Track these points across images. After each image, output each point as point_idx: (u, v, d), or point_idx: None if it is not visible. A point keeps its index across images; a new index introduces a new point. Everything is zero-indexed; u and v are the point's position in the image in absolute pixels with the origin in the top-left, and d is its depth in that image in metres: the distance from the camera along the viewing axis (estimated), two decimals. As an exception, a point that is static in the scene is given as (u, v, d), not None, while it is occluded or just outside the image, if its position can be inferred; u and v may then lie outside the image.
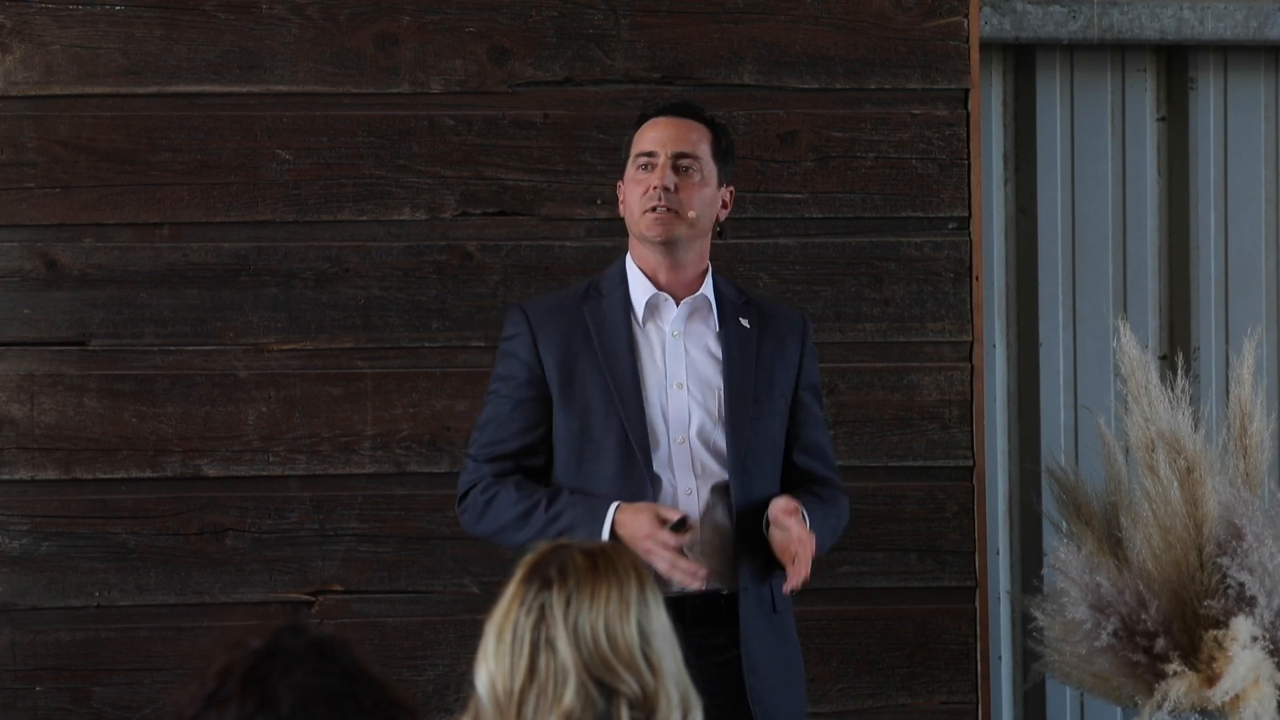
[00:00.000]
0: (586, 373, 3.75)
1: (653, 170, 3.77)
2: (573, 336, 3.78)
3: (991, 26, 5.03)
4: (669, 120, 3.81)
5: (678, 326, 3.79)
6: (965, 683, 4.69)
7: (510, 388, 3.79)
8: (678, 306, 3.79)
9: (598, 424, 3.74)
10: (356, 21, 4.61)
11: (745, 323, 3.83)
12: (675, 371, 3.78)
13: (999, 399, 5.15)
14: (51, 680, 4.55)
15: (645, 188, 3.76)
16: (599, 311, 3.79)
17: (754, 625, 3.72)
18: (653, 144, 3.79)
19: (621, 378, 3.74)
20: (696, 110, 3.87)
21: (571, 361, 3.76)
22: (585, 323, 3.79)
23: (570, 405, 3.75)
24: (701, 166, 3.79)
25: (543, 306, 3.84)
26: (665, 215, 3.74)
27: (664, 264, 3.79)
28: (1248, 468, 4.27)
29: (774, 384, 3.82)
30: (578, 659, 2.37)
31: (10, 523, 4.55)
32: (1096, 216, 5.17)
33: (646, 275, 3.79)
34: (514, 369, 3.79)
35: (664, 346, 3.78)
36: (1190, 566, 4.10)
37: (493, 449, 3.79)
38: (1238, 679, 3.95)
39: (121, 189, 4.57)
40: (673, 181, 3.75)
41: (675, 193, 3.75)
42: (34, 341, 4.57)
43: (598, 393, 3.74)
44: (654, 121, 3.82)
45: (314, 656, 1.97)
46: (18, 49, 4.56)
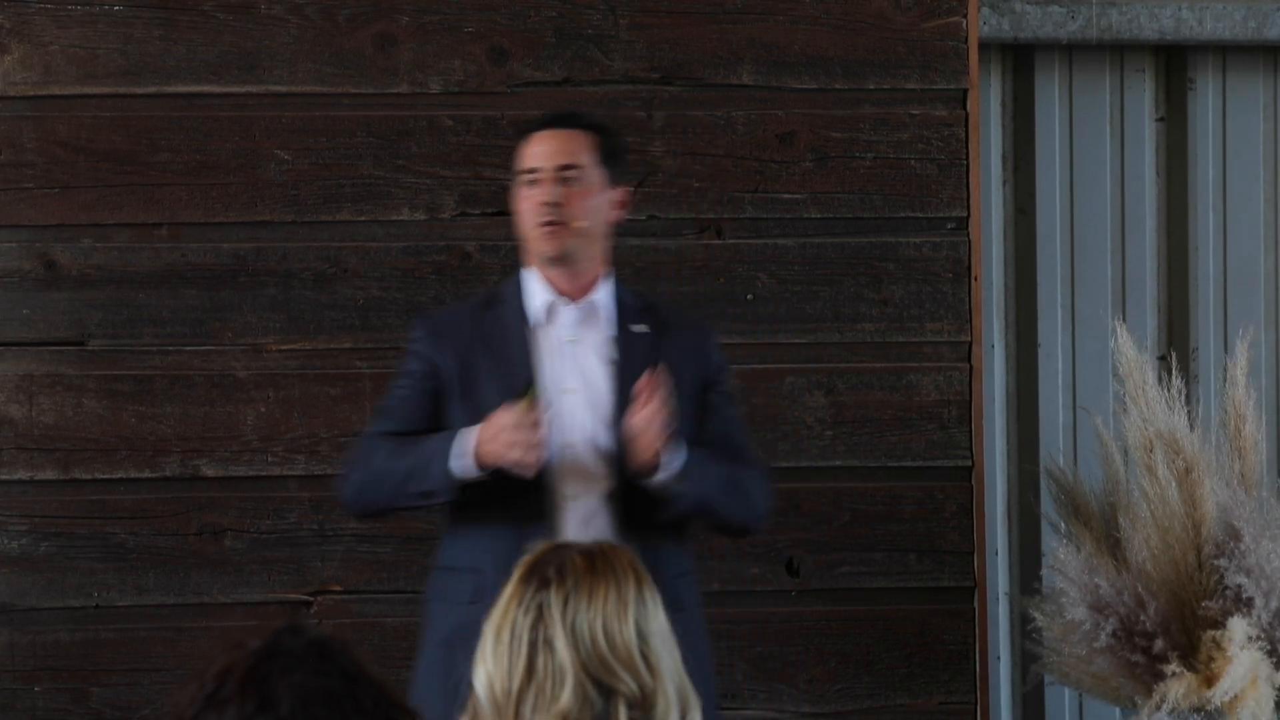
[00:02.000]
0: (483, 376, 3.79)
1: (538, 186, 3.80)
2: (471, 341, 3.83)
3: (990, 27, 5.03)
4: (550, 133, 3.85)
5: (571, 332, 3.82)
6: (964, 683, 4.69)
7: (409, 381, 3.86)
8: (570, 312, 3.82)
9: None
10: (355, 22, 4.61)
11: (642, 328, 3.85)
12: (565, 377, 3.80)
13: (998, 399, 5.15)
14: (50, 681, 4.55)
15: (532, 204, 3.80)
16: (497, 318, 3.84)
17: None
18: (535, 159, 3.82)
19: (515, 379, 3.76)
20: (577, 118, 3.90)
21: (469, 365, 3.80)
22: (484, 329, 3.84)
23: (466, 405, 3.78)
24: (586, 175, 3.82)
25: (445, 314, 3.98)
26: (555, 230, 3.78)
27: (559, 273, 3.83)
28: (1244, 469, 4.27)
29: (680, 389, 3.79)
30: (576, 659, 2.37)
31: (9, 523, 4.55)
32: (1095, 217, 5.17)
33: (545, 281, 3.83)
34: (414, 366, 3.86)
35: (557, 351, 3.81)
36: (1189, 567, 4.10)
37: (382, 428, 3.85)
38: (1236, 680, 3.95)
39: (120, 189, 4.57)
40: (558, 195, 3.78)
41: (562, 206, 3.78)
42: (33, 342, 4.56)
43: (493, 395, 3.76)
44: (536, 136, 3.85)
45: (314, 657, 1.97)
46: (17, 49, 4.56)
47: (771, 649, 4.67)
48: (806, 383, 4.67)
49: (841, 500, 4.67)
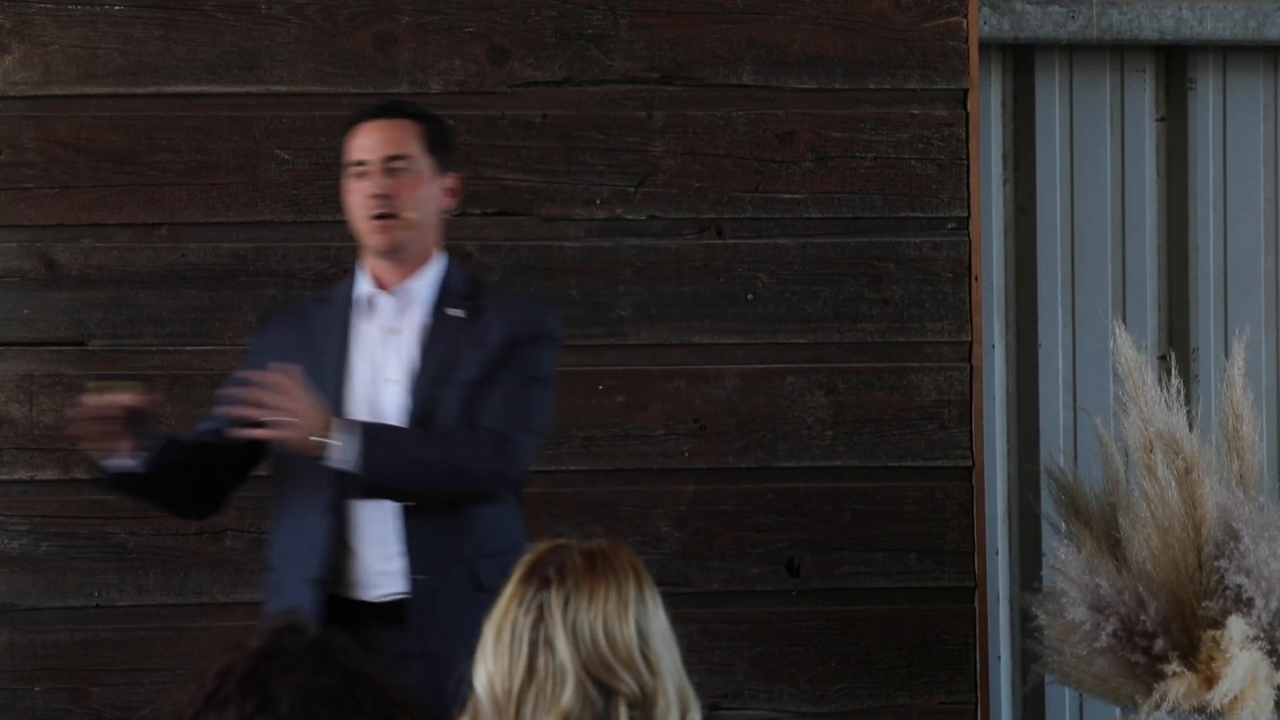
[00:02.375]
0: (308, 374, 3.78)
1: (365, 178, 3.81)
2: (290, 338, 3.85)
3: (990, 26, 5.03)
4: (376, 124, 3.85)
5: (393, 322, 3.83)
6: (964, 683, 4.69)
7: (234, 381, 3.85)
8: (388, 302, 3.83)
9: None
10: (355, 22, 4.61)
11: (457, 313, 3.83)
12: (387, 367, 3.80)
13: (998, 399, 5.15)
14: (50, 680, 4.55)
15: (360, 196, 3.82)
16: (323, 313, 3.86)
17: (432, 616, 3.69)
18: (362, 151, 3.83)
19: (327, 376, 3.77)
20: (403, 108, 3.91)
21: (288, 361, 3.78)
22: (311, 326, 3.85)
23: None
24: (414, 165, 3.83)
25: (281, 312, 3.99)
26: (385, 223, 3.79)
27: (387, 265, 3.83)
28: (1243, 469, 4.27)
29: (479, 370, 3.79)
30: (576, 659, 2.37)
31: (9, 523, 4.55)
32: (1095, 216, 5.17)
33: (371, 274, 3.84)
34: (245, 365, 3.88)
35: (380, 343, 3.82)
36: (1189, 567, 4.10)
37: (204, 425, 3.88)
38: (1236, 680, 3.95)
39: (120, 189, 4.57)
40: (386, 187, 3.79)
41: (392, 197, 3.79)
42: (33, 342, 4.56)
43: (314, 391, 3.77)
44: (362, 128, 3.86)
45: (313, 657, 1.96)
46: (17, 49, 4.56)
47: (771, 649, 4.67)
48: (807, 383, 4.67)
49: (842, 500, 4.67)
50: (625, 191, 4.65)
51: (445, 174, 3.89)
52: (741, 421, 4.66)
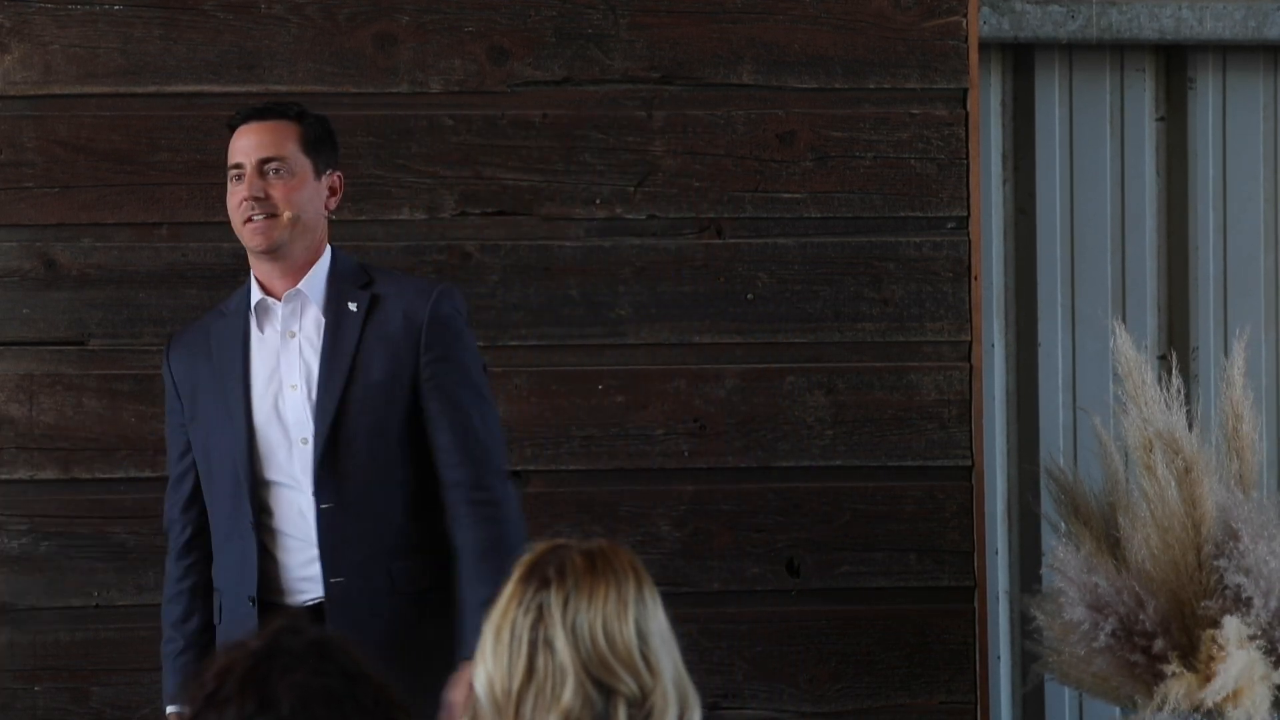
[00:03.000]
0: (206, 390, 3.81)
1: (241, 181, 3.80)
2: (195, 358, 3.84)
3: (990, 26, 5.03)
4: (252, 127, 3.84)
5: (289, 325, 3.81)
6: (964, 682, 4.69)
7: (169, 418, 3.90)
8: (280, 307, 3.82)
9: (215, 440, 3.78)
10: (355, 21, 4.61)
11: (353, 306, 3.81)
12: (290, 372, 3.79)
13: (998, 399, 5.15)
14: (50, 680, 4.55)
15: (238, 199, 3.80)
16: (221, 327, 3.85)
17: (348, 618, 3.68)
18: (238, 154, 3.82)
19: (229, 389, 3.78)
20: (279, 109, 3.89)
21: (195, 383, 3.82)
22: (208, 342, 3.84)
23: (197, 424, 3.82)
24: (290, 165, 3.81)
25: (183, 332, 3.95)
26: (262, 224, 3.78)
27: (273, 268, 3.81)
28: (1242, 469, 4.27)
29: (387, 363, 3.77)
30: (576, 659, 2.37)
31: (9, 523, 4.55)
32: (1095, 216, 5.17)
33: (259, 281, 3.83)
34: (166, 400, 3.90)
35: (281, 349, 3.80)
36: (1188, 567, 4.10)
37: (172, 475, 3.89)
38: (1230, 678, 3.94)
39: (120, 189, 4.57)
40: (262, 189, 3.78)
41: (267, 199, 3.78)
42: (33, 341, 4.56)
43: (215, 408, 3.79)
44: (239, 130, 3.85)
45: (313, 657, 1.97)
46: (17, 49, 4.56)
47: (771, 648, 4.67)
48: (807, 382, 4.67)
49: (842, 500, 4.67)
50: (625, 191, 4.64)
51: (326, 173, 3.87)
52: (741, 421, 4.66)
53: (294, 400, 3.77)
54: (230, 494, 3.76)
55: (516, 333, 4.62)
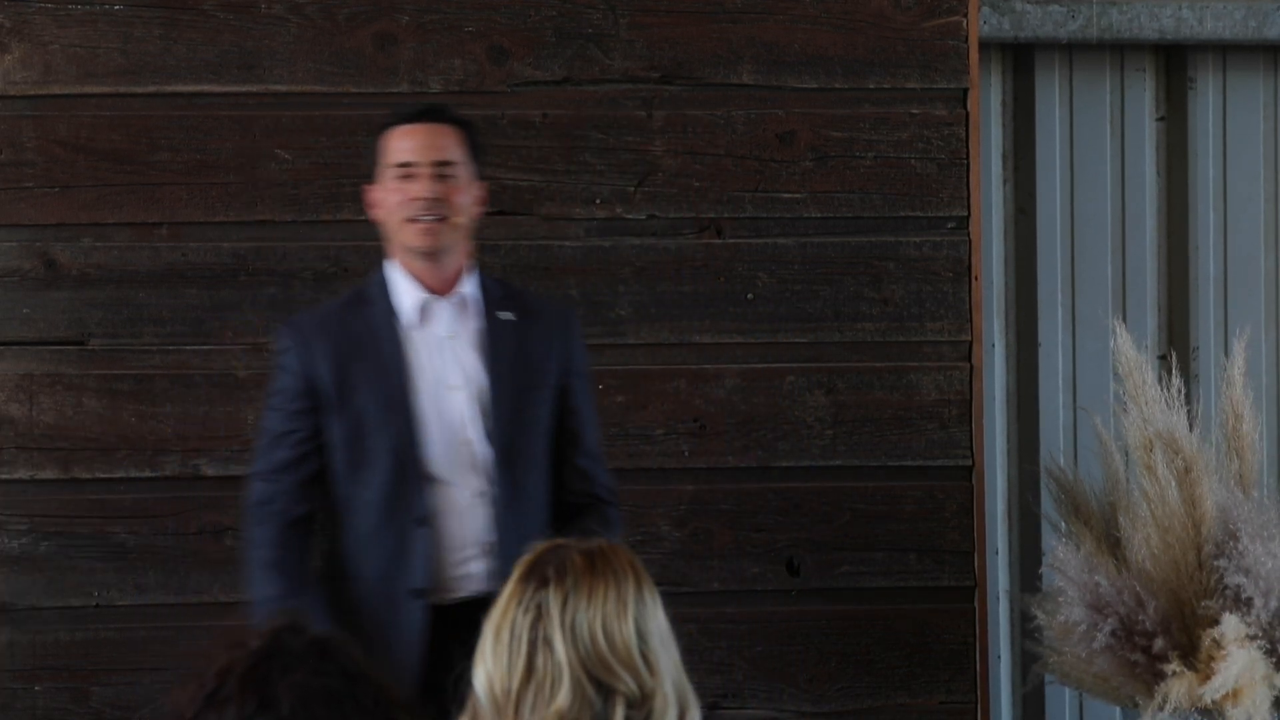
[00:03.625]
0: (359, 381, 3.80)
1: (413, 180, 3.81)
2: (342, 346, 3.83)
3: (990, 26, 5.03)
4: (424, 128, 3.85)
5: (449, 328, 3.84)
6: (964, 682, 4.69)
7: (284, 400, 3.86)
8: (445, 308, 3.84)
9: (371, 431, 3.79)
10: (355, 21, 4.61)
11: (507, 316, 3.88)
12: (449, 374, 3.82)
13: (998, 399, 5.15)
14: (50, 680, 4.55)
15: (406, 198, 3.81)
16: (367, 319, 3.84)
17: None
18: (410, 153, 3.83)
19: (392, 384, 3.79)
20: (447, 113, 3.92)
21: (343, 371, 3.81)
22: (354, 331, 3.84)
23: (343, 414, 3.80)
24: (459, 170, 3.85)
25: (310, 321, 3.91)
26: (433, 226, 3.81)
27: (429, 269, 3.84)
28: (1242, 469, 4.27)
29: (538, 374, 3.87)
30: (574, 658, 2.37)
31: (9, 522, 4.55)
32: (1095, 216, 5.17)
33: (414, 278, 3.84)
34: (287, 382, 3.86)
35: (437, 349, 3.83)
36: (1189, 566, 4.10)
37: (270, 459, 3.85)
38: (1229, 676, 3.94)
39: (120, 189, 4.57)
40: (437, 190, 3.80)
41: (440, 202, 3.80)
42: (33, 341, 4.56)
43: (370, 400, 3.79)
44: (408, 130, 3.85)
45: (313, 656, 1.97)
46: (17, 49, 4.56)
47: (771, 648, 4.67)
48: (807, 382, 4.67)
49: (842, 500, 4.67)
50: (625, 191, 4.64)
51: (477, 181, 3.91)
52: (741, 421, 4.66)
53: (455, 401, 3.81)
54: (389, 487, 3.78)
55: (516, 332, 4.62)
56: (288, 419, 3.84)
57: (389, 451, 3.78)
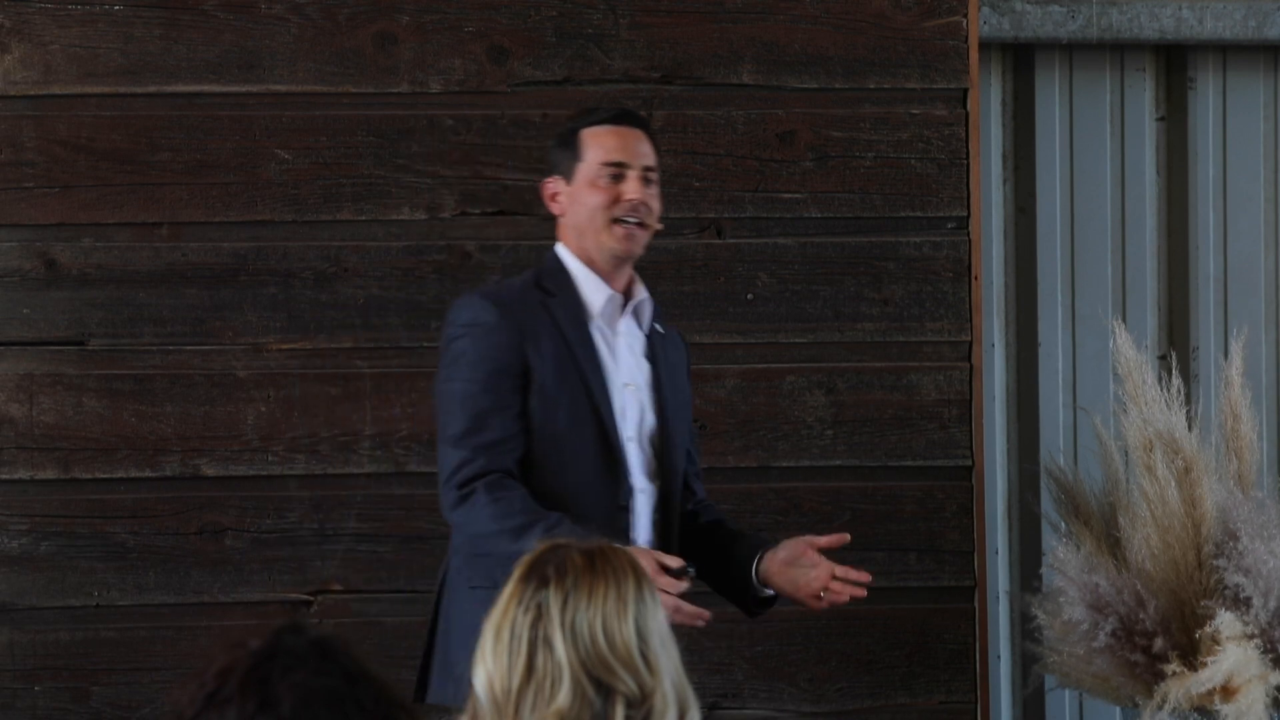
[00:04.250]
0: (563, 368, 3.77)
1: (623, 181, 3.79)
2: (545, 330, 3.77)
3: (990, 26, 5.03)
4: (633, 131, 3.85)
5: (624, 327, 3.85)
6: (964, 682, 4.69)
7: (496, 376, 3.73)
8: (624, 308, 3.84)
9: (572, 420, 3.76)
10: (356, 21, 4.61)
11: (659, 328, 3.91)
12: (627, 372, 3.83)
13: (998, 399, 5.15)
14: (50, 680, 4.55)
15: (613, 198, 3.79)
16: (559, 307, 3.80)
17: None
18: (624, 155, 3.81)
19: (593, 375, 3.77)
20: (645, 120, 3.95)
21: (548, 355, 3.76)
22: (550, 318, 3.79)
23: (548, 398, 3.75)
24: (657, 178, 3.85)
25: (509, 298, 3.80)
26: (636, 230, 3.80)
27: (614, 271, 3.83)
28: (1241, 469, 4.27)
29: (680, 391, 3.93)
30: (574, 658, 2.37)
31: (9, 522, 4.55)
32: (1096, 216, 5.17)
33: (596, 277, 3.82)
34: (498, 357, 3.73)
35: (614, 346, 3.83)
36: (1188, 566, 4.10)
37: (482, 436, 3.71)
38: (1219, 671, 3.94)
39: (121, 189, 4.57)
40: (647, 195, 3.80)
41: (647, 208, 3.80)
42: (33, 341, 4.56)
43: (573, 388, 3.76)
44: (617, 130, 3.83)
45: (314, 657, 1.96)
46: (17, 49, 4.56)
47: (771, 648, 4.67)
48: (807, 382, 4.67)
49: (842, 500, 4.67)
50: (625, 191, 4.64)
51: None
52: (741, 421, 4.66)
53: (628, 398, 3.82)
54: (596, 475, 3.76)
55: (516, 332, 4.62)
56: (501, 395, 3.73)
57: (593, 439, 3.75)
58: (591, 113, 3.88)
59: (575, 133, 3.84)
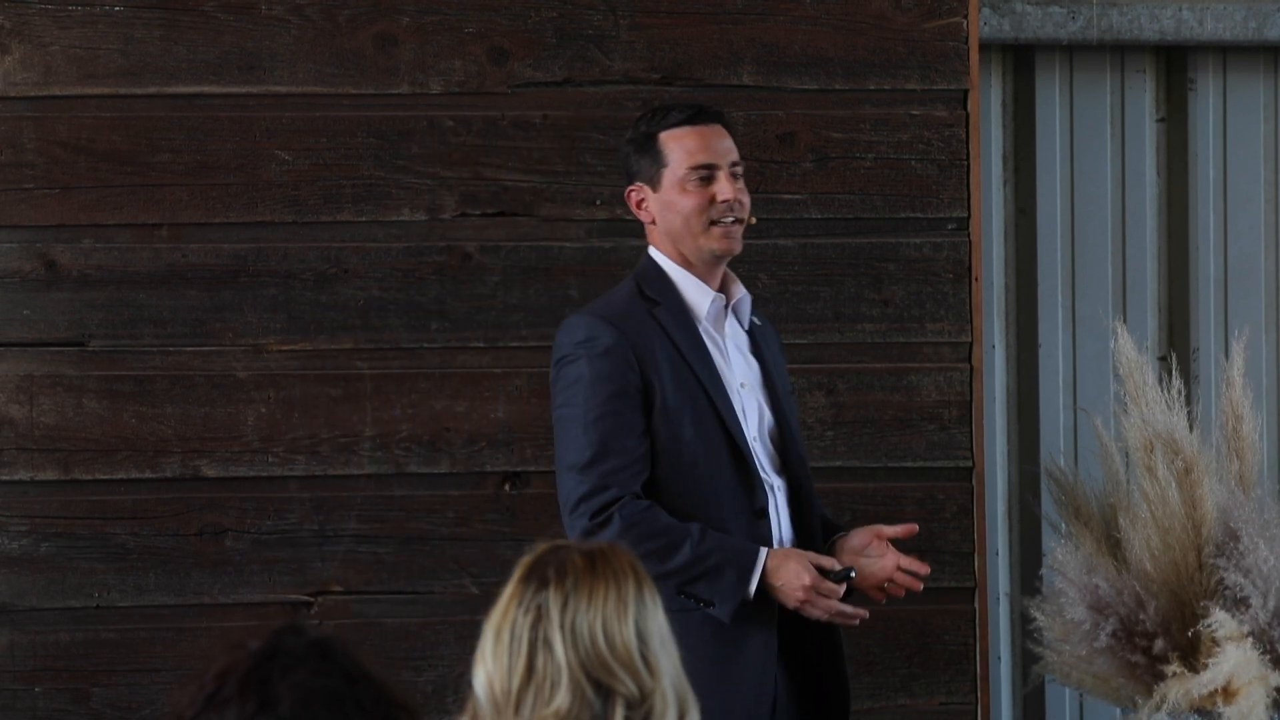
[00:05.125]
0: (680, 377, 3.71)
1: (713, 182, 3.75)
2: (657, 342, 3.72)
3: (991, 27, 5.03)
4: (715, 129, 3.79)
5: (729, 328, 3.82)
6: (965, 683, 4.69)
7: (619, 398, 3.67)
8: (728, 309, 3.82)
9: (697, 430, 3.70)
10: (356, 22, 4.61)
11: (757, 320, 3.90)
12: (739, 372, 3.81)
13: (998, 400, 5.15)
14: (51, 681, 4.55)
15: (708, 199, 3.75)
16: (666, 315, 3.75)
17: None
18: (711, 154, 3.76)
19: (710, 380, 3.73)
20: (722, 112, 3.87)
21: (664, 367, 3.71)
22: (660, 328, 3.74)
23: (670, 410, 3.69)
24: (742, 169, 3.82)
25: (618, 314, 3.74)
26: (733, 229, 3.76)
27: (713, 271, 3.81)
28: (1242, 469, 4.27)
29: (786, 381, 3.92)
30: (574, 659, 2.37)
31: (10, 523, 4.55)
32: (1096, 217, 5.17)
33: (696, 279, 3.79)
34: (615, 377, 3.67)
35: (724, 349, 3.80)
36: (1189, 567, 4.10)
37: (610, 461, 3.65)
38: (1220, 672, 3.94)
39: (121, 190, 4.57)
40: (740, 192, 3.77)
41: (740, 205, 3.77)
42: (33, 342, 4.56)
43: (690, 399, 3.70)
44: (699, 130, 3.78)
45: (314, 657, 1.97)
46: (17, 50, 4.56)
47: (772, 649, 4.66)
48: (807, 383, 4.67)
49: (842, 500, 4.67)
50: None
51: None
52: (742, 422, 4.66)
53: (746, 398, 3.79)
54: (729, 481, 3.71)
55: (517, 333, 4.63)
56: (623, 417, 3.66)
57: (722, 449, 3.70)
58: (666, 113, 3.81)
59: (653, 136, 3.79)
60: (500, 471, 4.62)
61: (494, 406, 4.61)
